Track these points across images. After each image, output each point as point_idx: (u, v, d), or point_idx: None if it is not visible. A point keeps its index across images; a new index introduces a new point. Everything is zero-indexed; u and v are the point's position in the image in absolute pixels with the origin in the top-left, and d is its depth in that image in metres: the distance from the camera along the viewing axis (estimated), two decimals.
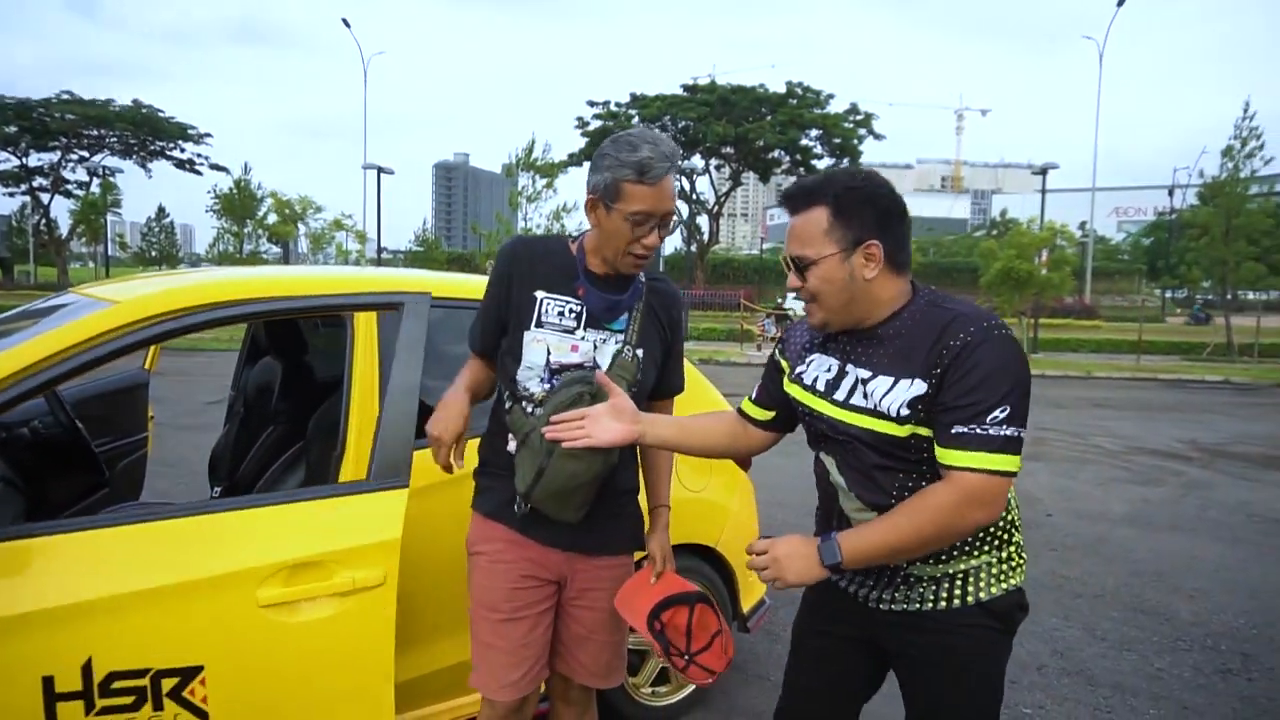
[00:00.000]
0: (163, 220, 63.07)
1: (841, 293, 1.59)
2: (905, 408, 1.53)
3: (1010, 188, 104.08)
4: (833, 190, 1.59)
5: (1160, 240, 51.07)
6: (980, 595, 1.63)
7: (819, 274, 1.59)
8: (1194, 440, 9.65)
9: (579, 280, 1.92)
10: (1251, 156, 22.07)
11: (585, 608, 2.04)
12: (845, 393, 1.64)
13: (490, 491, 2.00)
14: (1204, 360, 21.26)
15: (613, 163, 1.81)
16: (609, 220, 1.84)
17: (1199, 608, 4.41)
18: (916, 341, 1.56)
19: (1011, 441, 1.48)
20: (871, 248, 1.57)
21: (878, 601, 1.70)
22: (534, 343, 1.91)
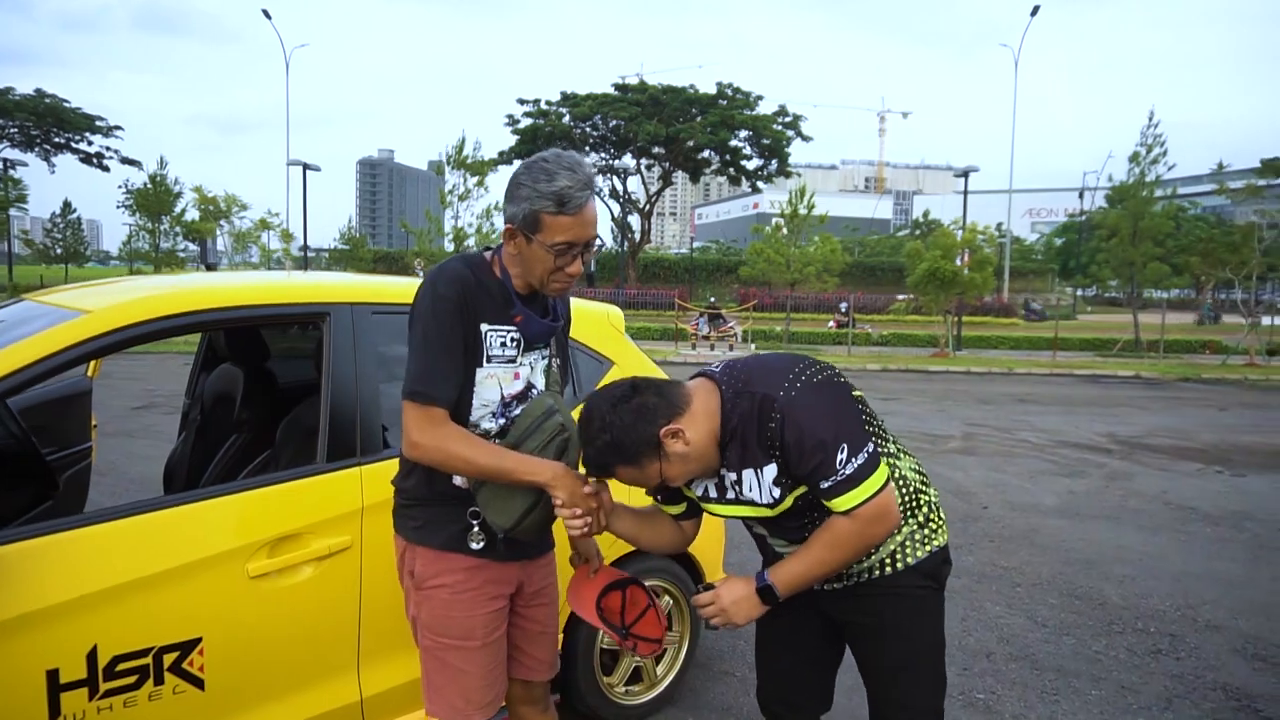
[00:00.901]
0: (69, 216, 60.13)
1: (682, 476, 1.80)
2: (774, 490, 1.76)
3: (931, 189, 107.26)
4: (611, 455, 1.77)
5: (1071, 241, 53.31)
6: (909, 560, 1.85)
7: (636, 478, 1.80)
8: (1112, 433, 10.16)
9: (515, 309, 1.87)
10: (1156, 162, 23.24)
11: (541, 604, 2.09)
12: (720, 493, 1.86)
13: (435, 524, 1.91)
14: (1115, 356, 22.32)
15: (530, 193, 1.75)
16: (530, 250, 1.80)
17: (1128, 592, 4.67)
18: (748, 437, 1.74)
19: (864, 468, 1.69)
20: (670, 439, 1.74)
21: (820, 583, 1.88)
22: (487, 379, 1.86)
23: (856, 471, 1.68)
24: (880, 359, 19.62)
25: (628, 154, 41.11)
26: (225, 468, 3.11)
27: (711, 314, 23.27)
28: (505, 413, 1.89)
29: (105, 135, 43.87)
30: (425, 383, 1.76)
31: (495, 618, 1.95)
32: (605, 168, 41.83)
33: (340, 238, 44.67)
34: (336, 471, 2.32)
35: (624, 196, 42.86)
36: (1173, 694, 3.49)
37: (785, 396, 1.70)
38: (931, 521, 1.90)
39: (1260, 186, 25.47)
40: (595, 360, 3.01)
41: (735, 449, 1.77)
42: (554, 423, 1.85)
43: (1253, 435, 10.30)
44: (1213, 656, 3.86)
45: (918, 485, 1.92)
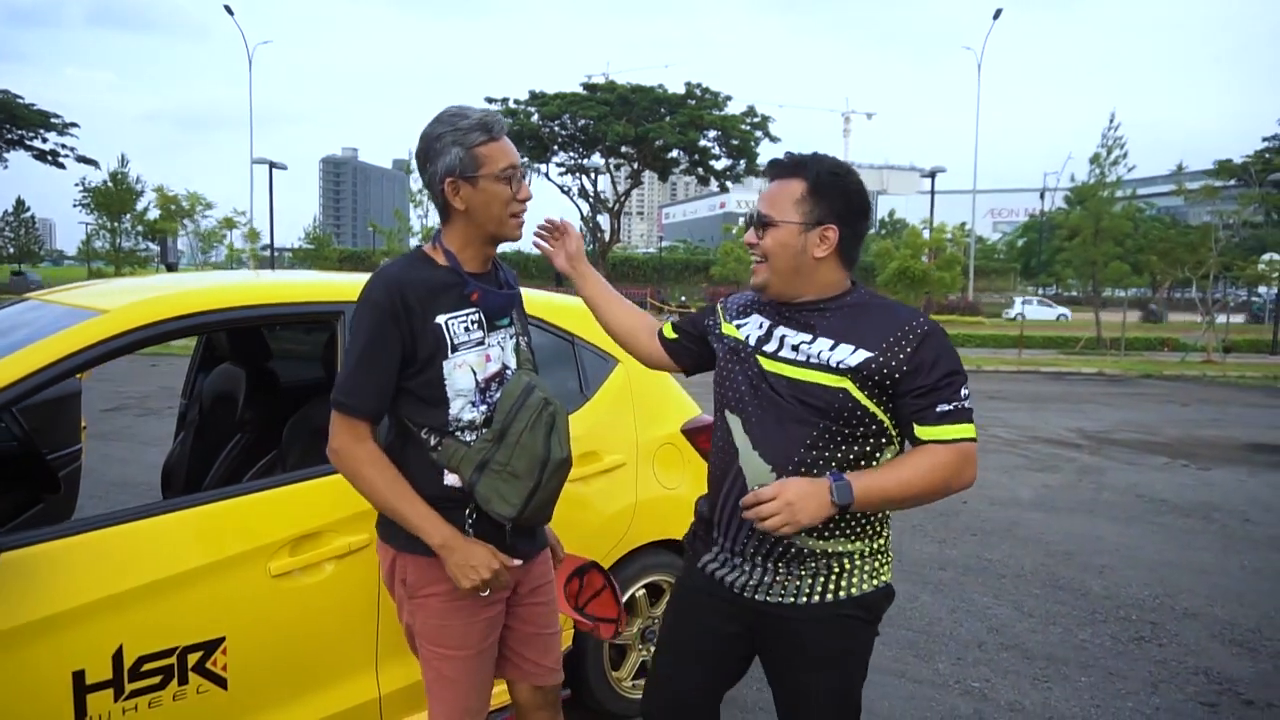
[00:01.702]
0: (22, 214, 58.73)
1: (790, 260, 1.72)
2: (849, 363, 1.66)
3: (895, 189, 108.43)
4: (816, 169, 1.73)
5: (1032, 241, 54.31)
6: (852, 590, 1.73)
7: (776, 236, 1.72)
8: (1080, 429, 10.39)
9: (469, 286, 1.83)
10: (1116, 164, 23.78)
11: (536, 604, 2.04)
12: (775, 346, 1.75)
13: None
14: (1078, 353, 22.80)
15: (454, 135, 1.76)
16: (479, 193, 1.78)
17: (1108, 582, 4.80)
18: (863, 318, 1.71)
19: (972, 411, 1.68)
20: (829, 230, 1.71)
21: (752, 591, 1.77)
22: (457, 369, 1.80)
23: (970, 410, 1.66)
24: None
25: (596, 153, 41.02)
26: (229, 468, 3.09)
27: (682, 313, 23.41)
28: (484, 399, 1.83)
29: (60, 133, 42.87)
30: (346, 393, 1.75)
31: (490, 624, 1.92)
32: (574, 167, 41.73)
33: (305, 237, 44.17)
34: None
35: (593, 196, 42.82)
36: (1158, 679, 3.61)
37: (930, 321, 1.71)
38: (885, 553, 1.81)
39: (1217, 188, 26.15)
40: (600, 358, 3.04)
41: (836, 319, 1.72)
42: (536, 399, 1.80)
43: (1214, 430, 10.60)
44: (1193, 642, 3.99)
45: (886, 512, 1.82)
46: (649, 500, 3.01)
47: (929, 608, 4.36)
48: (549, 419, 1.82)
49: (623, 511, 2.94)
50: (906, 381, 1.65)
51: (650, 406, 3.08)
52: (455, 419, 1.82)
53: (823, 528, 1.69)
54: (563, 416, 1.85)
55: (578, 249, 2.11)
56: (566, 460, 1.85)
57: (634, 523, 2.96)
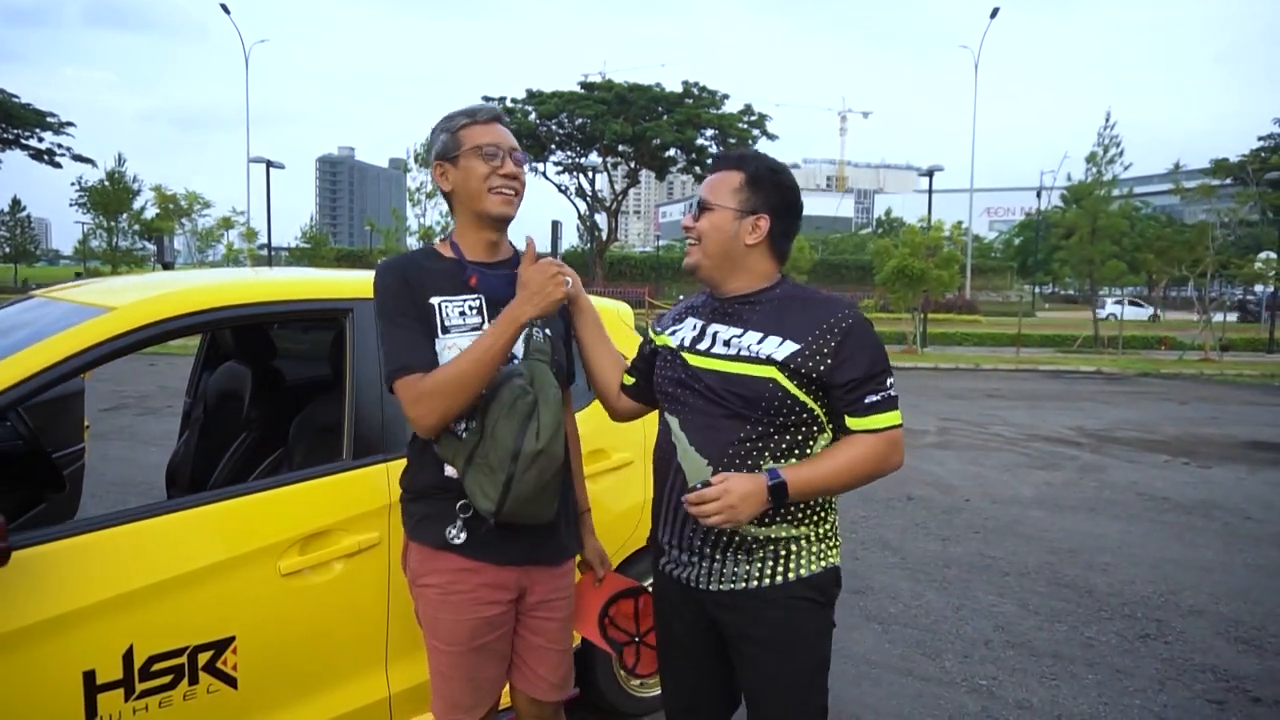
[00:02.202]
0: (17, 214, 58.51)
1: (722, 244, 1.81)
2: (776, 356, 1.73)
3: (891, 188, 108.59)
4: (755, 164, 1.84)
5: (1029, 239, 54.39)
6: (801, 572, 1.79)
7: (712, 220, 1.82)
8: (1080, 427, 10.40)
9: (467, 272, 1.88)
10: (1113, 162, 23.81)
11: (544, 618, 1.98)
12: (707, 344, 1.83)
13: (430, 520, 1.88)
14: (1076, 352, 22.83)
15: (443, 125, 1.89)
16: (459, 170, 1.86)
17: (1112, 580, 4.80)
18: (789, 311, 1.78)
19: (896, 399, 1.77)
20: (761, 220, 1.81)
21: (705, 582, 1.81)
22: (446, 351, 1.80)
23: (895, 398, 1.76)
24: None
25: (594, 152, 40.99)
26: (235, 467, 3.07)
27: None
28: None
29: (56, 132, 42.73)
30: (398, 359, 1.78)
31: (485, 625, 1.88)
32: (571, 165, 41.69)
33: (302, 236, 44.06)
34: (363, 468, 2.32)
35: (591, 195, 42.79)
36: (1165, 676, 3.60)
37: (854, 312, 1.79)
38: (832, 536, 1.86)
39: (1214, 186, 26.19)
40: None
41: (764, 312, 1.80)
42: (514, 388, 1.75)
43: (1212, 428, 10.61)
44: (1199, 640, 3.99)
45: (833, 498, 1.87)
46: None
47: (934, 606, 4.35)
48: (525, 409, 1.74)
49: (631, 510, 2.93)
50: (833, 375, 1.72)
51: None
52: None
53: (762, 516, 1.74)
54: (549, 406, 1.75)
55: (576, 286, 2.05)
56: (543, 453, 1.73)
57: (642, 521, 2.94)
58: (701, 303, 1.95)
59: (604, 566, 2.17)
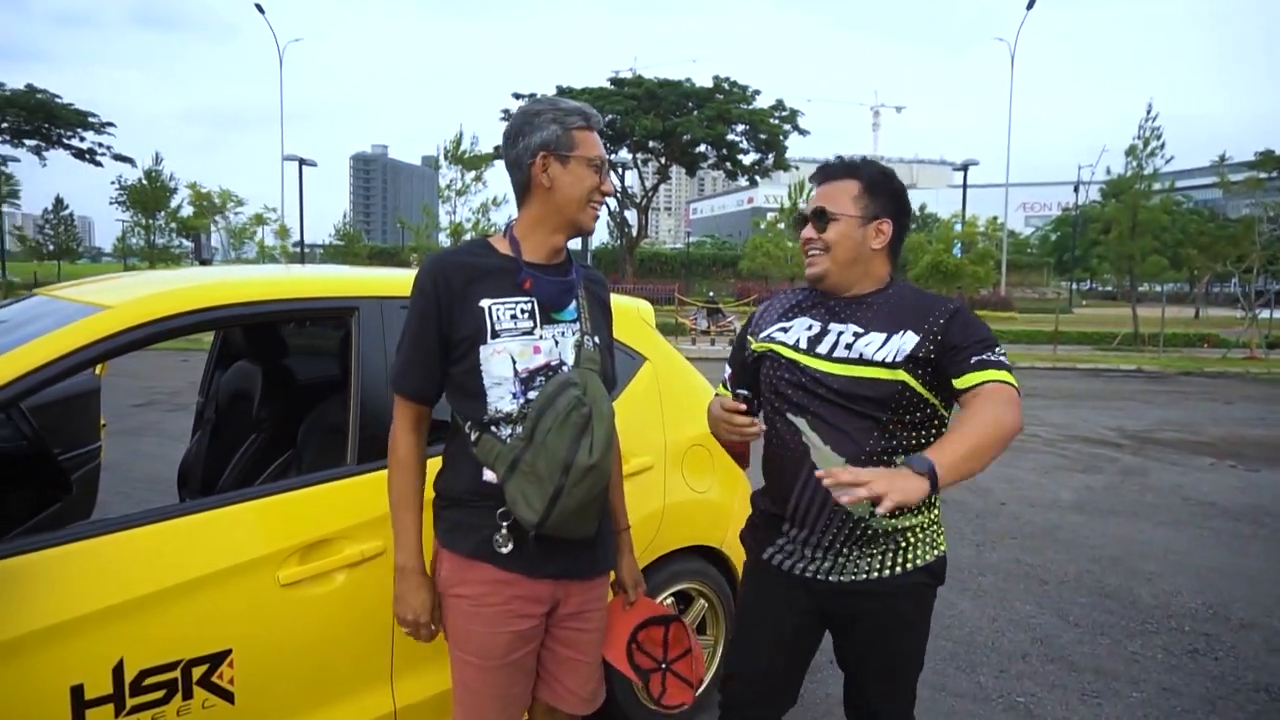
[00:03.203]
0: (61, 212, 59.74)
1: (850, 251, 1.86)
2: (900, 355, 1.77)
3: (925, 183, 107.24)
4: (868, 171, 1.90)
5: (1066, 235, 53.39)
6: (917, 561, 1.88)
7: (839, 228, 1.86)
8: (1121, 427, 10.10)
9: (522, 274, 1.77)
10: (1154, 155, 23.20)
11: (576, 629, 1.91)
12: (828, 348, 1.85)
13: (466, 528, 1.80)
14: (1114, 350, 22.31)
15: (555, 115, 1.77)
16: (567, 173, 1.76)
17: (1157, 590, 4.59)
18: (905, 308, 1.84)
19: (1009, 367, 1.76)
20: (884, 224, 1.88)
21: (828, 575, 1.88)
22: (494, 355, 1.73)
23: (1004, 362, 1.76)
24: None
25: (624, 148, 40.89)
26: (244, 469, 3.00)
27: (710, 309, 23.21)
28: (525, 391, 1.74)
29: (98, 132, 43.41)
30: (393, 374, 1.83)
31: (518, 639, 1.81)
32: None
33: (335, 233, 44.49)
34: (368, 473, 2.22)
35: (620, 191, 42.69)
36: (1215, 696, 3.41)
37: (960, 301, 1.90)
38: (940, 523, 1.96)
39: (1261, 180, 25.42)
40: (628, 355, 2.91)
41: (882, 311, 1.85)
42: (569, 398, 1.69)
43: (1260, 429, 10.25)
44: (1251, 656, 3.79)
45: None
46: (677, 504, 2.89)
47: (969, 616, 4.18)
48: (580, 420, 1.70)
49: (650, 516, 2.81)
50: (944, 353, 1.77)
51: (679, 406, 2.95)
52: (494, 410, 1.74)
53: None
54: (602, 420, 1.73)
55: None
56: (595, 467, 1.71)
57: (662, 528, 2.84)
58: (811, 302, 1.97)
59: (637, 590, 2.08)
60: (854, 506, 1.66)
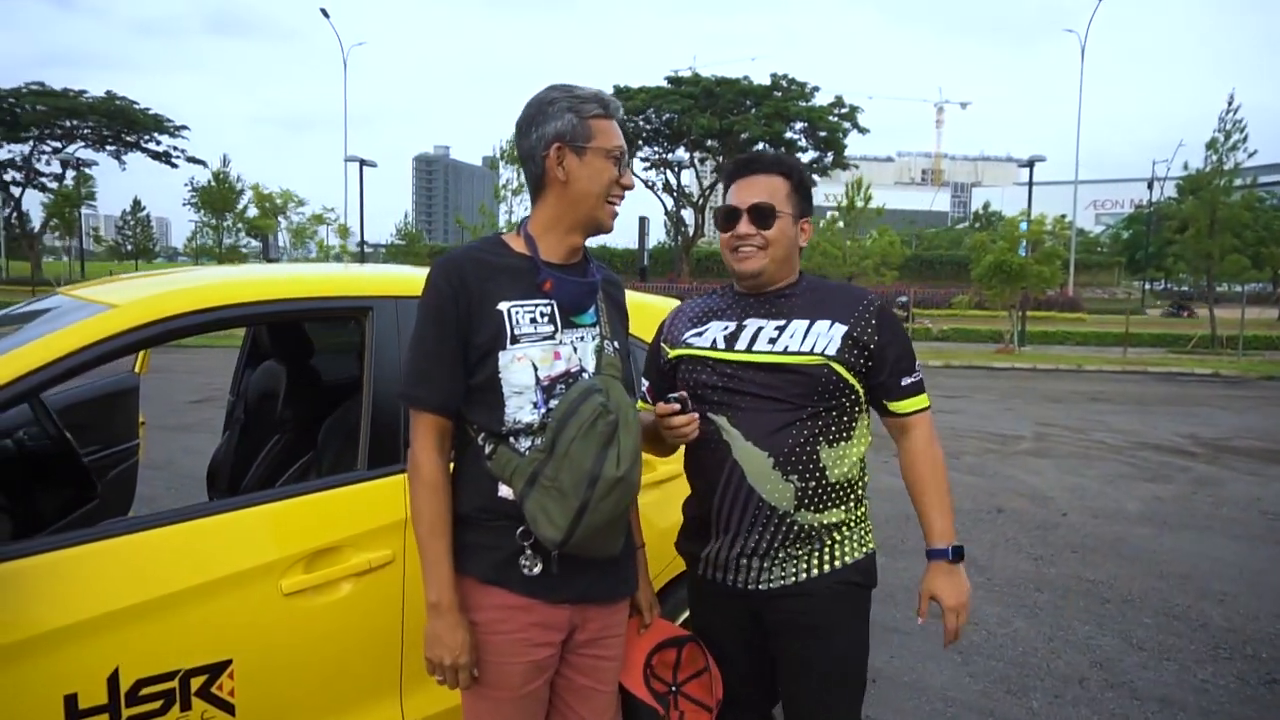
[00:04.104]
0: (138, 213, 62.14)
1: (787, 248, 1.87)
2: (830, 347, 1.80)
3: (990, 180, 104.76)
4: (798, 170, 1.93)
5: (1139, 233, 51.49)
6: (846, 559, 1.86)
7: (780, 226, 1.85)
8: (1194, 435, 9.61)
9: (541, 274, 1.65)
10: (1235, 149, 22.15)
11: (594, 656, 1.78)
12: (747, 342, 1.85)
13: (480, 550, 1.67)
14: (1189, 353, 21.37)
15: (570, 103, 1.64)
16: (584, 165, 1.64)
17: (1231, 612, 4.29)
18: (826, 297, 1.88)
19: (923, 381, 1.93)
20: (806, 224, 1.94)
21: (756, 582, 1.84)
22: (515, 361, 1.61)
23: (922, 375, 1.91)
24: (941, 355, 19.04)
25: (681, 147, 40.74)
26: (266, 470, 2.97)
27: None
28: (546, 400, 1.62)
29: (172, 135, 45.13)
30: (407, 383, 1.66)
31: (533, 669, 1.68)
32: (658, 161, 41.55)
33: (397, 233, 45.30)
34: (378, 479, 2.15)
35: (677, 190, 42.54)
36: None
37: (879, 297, 1.93)
38: (867, 521, 1.95)
39: None
40: None
41: (804, 301, 1.88)
42: (593, 404, 1.56)
43: None
44: None
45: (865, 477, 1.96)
46: None
47: (1023, 635, 3.95)
48: (606, 429, 1.56)
49: (676, 527, 2.68)
50: (883, 351, 1.84)
51: None
52: (512, 421, 1.62)
53: (817, 501, 1.81)
54: (629, 429, 1.58)
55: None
56: (624, 480, 1.56)
57: None
58: (722, 305, 1.97)
59: (652, 612, 1.96)
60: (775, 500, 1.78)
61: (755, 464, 1.78)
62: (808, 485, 1.79)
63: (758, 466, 1.78)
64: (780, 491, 1.79)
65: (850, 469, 1.84)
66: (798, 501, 1.79)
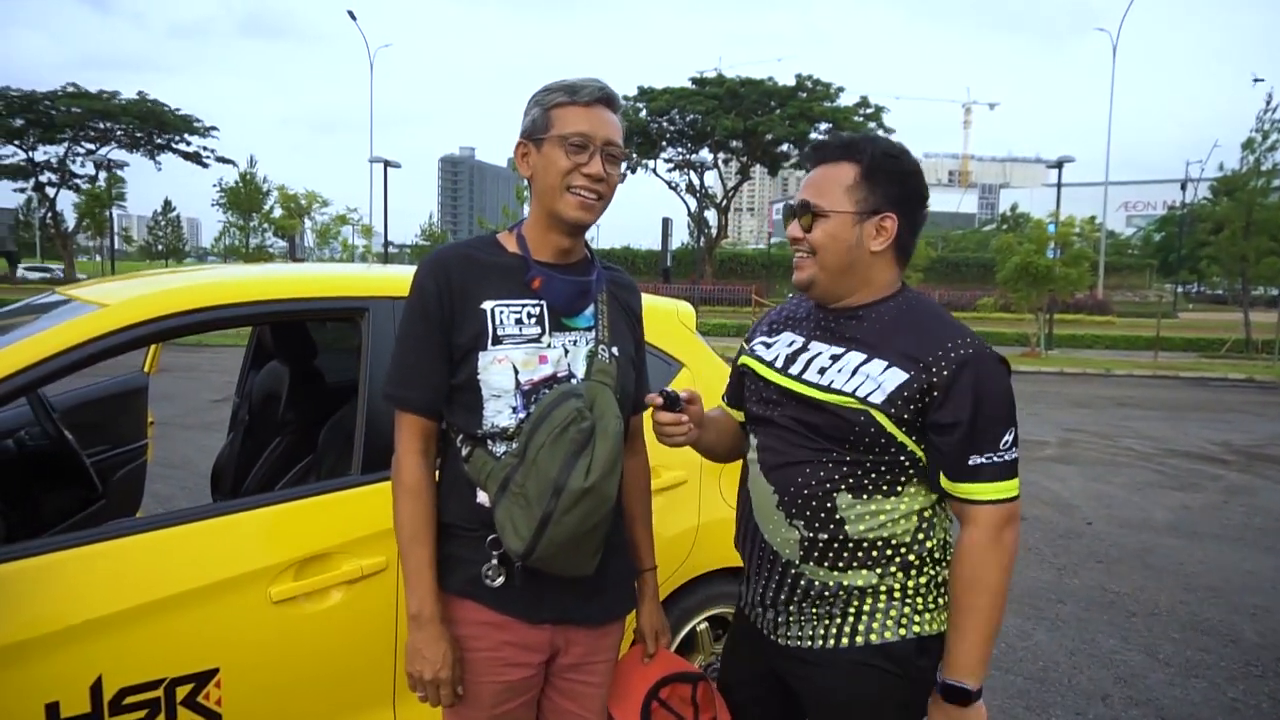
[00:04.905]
0: (169, 214, 63.08)
1: (842, 255, 1.53)
2: (875, 395, 1.46)
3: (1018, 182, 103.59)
4: (869, 151, 1.53)
5: (1171, 235, 50.64)
6: (871, 638, 1.52)
7: (827, 228, 1.53)
8: (1227, 442, 9.37)
9: (531, 271, 1.58)
10: (1273, 149, 21.68)
11: (579, 682, 1.70)
12: (801, 366, 1.58)
13: (455, 562, 1.61)
14: (1223, 357, 20.93)
15: (540, 97, 1.58)
16: (541, 157, 1.55)
17: (1264, 628, 4.15)
18: (902, 329, 1.51)
19: (1015, 464, 1.47)
20: (887, 220, 1.53)
21: (772, 632, 1.63)
22: (495, 363, 1.54)
23: (1013, 462, 1.47)
24: None
25: (705, 148, 40.60)
26: (268, 473, 2.93)
27: None
28: (527, 405, 1.55)
29: (203, 135, 45.67)
30: (391, 382, 1.61)
31: (507, 691, 1.61)
32: (682, 162, 41.44)
33: (422, 234, 45.59)
34: (373, 484, 2.10)
35: (701, 191, 42.41)
36: None
37: (979, 343, 1.48)
38: (919, 598, 1.54)
39: None
40: (663, 361, 2.72)
41: (872, 327, 1.53)
42: (568, 409, 1.48)
43: None
44: None
45: (937, 543, 1.56)
46: (713, 522, 2.68)
47: (1044, 649, 3.84)
48: (579, 436, 1.48)
49: (683, 535, 2.62)
50: (936, 412, 1.45)
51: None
52: (490, 424, 1.55)
53: (831, 556, 1.52)
54: (606, 438, 1.49)
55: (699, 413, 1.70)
56: (591, 491, 1.47)
57: (696, 547, 2.64)
58: (804, 313, 1.68)
59: (658, 641, 1.84)
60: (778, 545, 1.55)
61: (762, 499, 1.59)
62: (817, 535, 1.52)
63: (764, 503, 1.59)
64: (783, 536, 1.56)
65: (888, 528, 1.51)
66: (804, 551, 1.54)
